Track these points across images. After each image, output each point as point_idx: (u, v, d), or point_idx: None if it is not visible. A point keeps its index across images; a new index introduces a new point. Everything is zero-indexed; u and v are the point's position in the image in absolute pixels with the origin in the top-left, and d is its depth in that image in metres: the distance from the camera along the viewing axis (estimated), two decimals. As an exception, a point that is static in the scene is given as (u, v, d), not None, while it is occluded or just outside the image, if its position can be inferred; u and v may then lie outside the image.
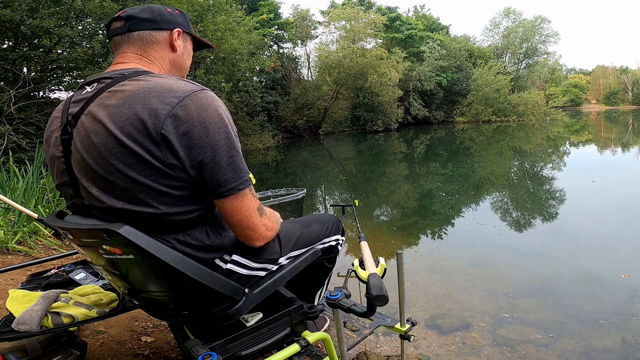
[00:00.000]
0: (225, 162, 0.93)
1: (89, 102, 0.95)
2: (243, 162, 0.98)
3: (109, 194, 0.93)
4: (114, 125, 0.89)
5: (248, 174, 0.98)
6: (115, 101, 0.91)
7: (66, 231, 0.99)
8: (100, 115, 0.92)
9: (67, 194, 1.03)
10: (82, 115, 0.95)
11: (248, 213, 1.00)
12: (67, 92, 8.68)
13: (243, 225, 1.01)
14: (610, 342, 2.51)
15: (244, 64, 14.68)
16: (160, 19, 1.08)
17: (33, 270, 2.00)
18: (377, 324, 1.80)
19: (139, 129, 0.88)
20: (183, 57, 1.14)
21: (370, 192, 8.15)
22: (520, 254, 4.26)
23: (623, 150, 13.60)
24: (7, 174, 3.96)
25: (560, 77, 59.63)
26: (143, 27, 1.06)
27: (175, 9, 1.13)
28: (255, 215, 1.02)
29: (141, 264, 0.93)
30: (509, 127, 24.72)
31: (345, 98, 25.22)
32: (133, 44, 1.06)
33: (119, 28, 1.06)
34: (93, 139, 0.91)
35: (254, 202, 1.02)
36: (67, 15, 6.67)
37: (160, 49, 1.09)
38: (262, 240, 1.06)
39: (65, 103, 1.02)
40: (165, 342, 2.00)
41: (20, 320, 1.20)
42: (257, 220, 1.02)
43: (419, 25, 30.54)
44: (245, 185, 0.97)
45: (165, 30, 1.09)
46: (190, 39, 1.17)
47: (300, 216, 2.13)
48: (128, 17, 1.05)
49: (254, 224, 1.02)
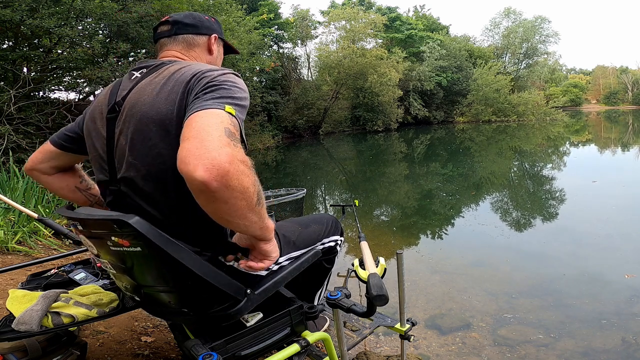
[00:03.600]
0: (210, 92, 0.89)
1: (137, 83, 1.05)
2: (234, 97, 0.90)
3: (144, 160, 0.96)
4: (159, 96, 0.96)
5: (227, 103, 0.85)
6: (161, 77, 1.01)
7: (76, 222, 1.00)
8: (147, 89, 1.00)
9: (100, 167, 1.08)
10: (130, 94, 1.03)
11: (207, 123, 0.78)
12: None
13: (191, 135, 0.76)
14: (611, 343, 2.50)
15: (244, 64, 14.67)
16: (201, 25, 1.21)
17: (33, 270, 2.00)
18: (377, 324, 1.80)
19: (179, 96, 0.94)
20: (217, 60, 1.27)
21: (370, 192, 8.14)
22: (522, 254, 4.25)
23: (623, 151, 13.60)
24: (7, 174, 3.97)
25: (560, 77, 59.65)
26: (187, 31, 1.19)
27: (211, 17, 1.28)
28: (216, 129, 0.77)
29: (147, 257, 0.93)
30: (509, 127, 24.72)
31: (345, 98, 25.22)
32: (178, 44, 1.18)
33: (166, 31, 1.18)
34: (139, 108, 0.98)
35: (225, 120, 0.80)
36: (67, 15, 6.67)
37: (200, 51, 1.21)
38: (209, 169, 0.71)
39: (114, 86, 1.10)
40: (165, 342, 2.00)
41: (20, 320, 1.20)
42: (214, 135, 0.75)
43: (419, 25, 30.55)
44: (216, 106, 0.82)
45: (205, 35, 1.22)
46: (222, 44, 1.30)
47: (300, 216, 2.13)
48: (175, 22, 1.19)
49: (207, 135, 0.75)
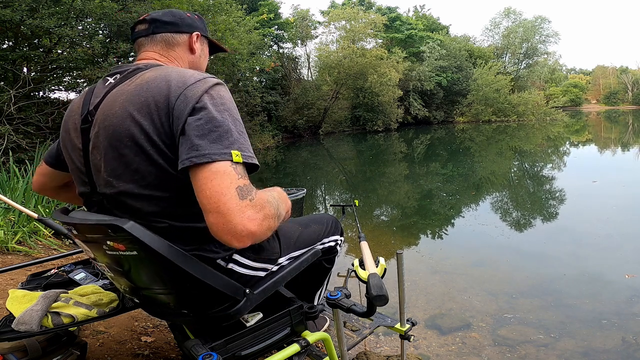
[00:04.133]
0: (211, 128, 0.85)
1: (110, 91, 0.99)
2: (237, 137, 0.88)
3: (120, 177, 0.93)
4: (132, 107, 0.92)
5: (232, 149, 0.84)
6: (133, 87, 0.95)
7: (71, 226, 0.99)
8: (119, 99, 0.95)
9: (81, 180, 1.05)
10: (102, 103, 0.99)
11: (220, 189, 0.79)
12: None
13: (212, 207, 0.79)
14: (612, 343, 2.50)
15: (244, 64, 14.67)
16: (181, 22, 1.14)
17: (33, 270, 2.00)
18: (377, 324, 1.79)
19: (152, 111, 0.90)
20: (200, 59, 1.20)
21: (370, 192, 8.14)
22: (522, 254, 4.25)
23: (623, 151, 13.60)
24: (7, 174, 3.97)
25: (560, 77, 59.65)
26: (166, 30, 1.12)
27: (194, 14, 1.20)
28: (231, 196, 0.79)
29: (144, 261, 0.92)
30: (509, 127, 24.71)
31: (345, 98, 25.22)
32: (156, 44, 1.11)
33: (143, 30, 1.12)
34: (111, 121, 0.93)
35: (233, 179, 0.81)
36: (67, 15, 6.66)
37: (180, 51, 1.15)
38: (236, 236, 0.79)
39: (87, 94, 1.06)
40: (165, 342, 2.00)
41: (20, 320, 1.19)
42: (232, 204, 0.79)
43: (419, 25, 30.55)
44: (220, 157, 0.82)
45: (186, 33, 1.15)
46: (206, 42, 1.23)
47: (300, 216, 2.13)
48: (152, 20, 1.11)
49: (226, 208, 0.78)
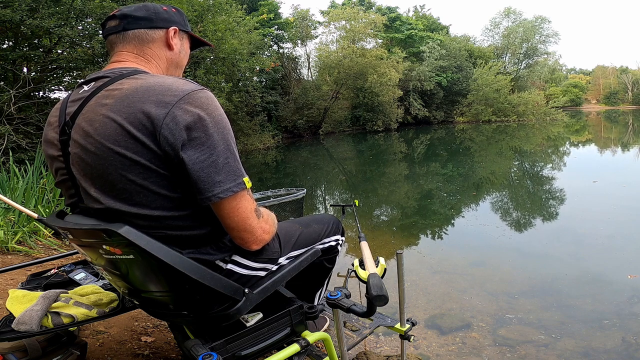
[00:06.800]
0: (222, 162, 0.91)
1: (86, 101, 0.95)
2: (239, 165, 0.96)
3: (107, 194, 0.92)
4: (113, 126, 0.88)
5: (243, 176, 0.96)
6: (112, 100, 0.90)
7: (66, 231, 0.98)
8: (97, 114, 0.91)
9: (68, 193, 1.03)
10: (80, 115, 0.94)
11: (245, 215, 0.97)
12: (67, 92, 8.66)
13: (240, 228, 0.98)
14: (612, 343, 2.50)
15: (244, 64, 14.68)
16: (155, 17, 1.07)
17: (33, 270, 2.00)
18: (377, 324, 1.79)
19: (137, 128, 0.87)
20: (180, 56, 1.13)
21: (370, 192, 8.14)
22: (523, 254, 4.25)
23: (623, 151, 13.59)
24: (7, 174, 3.96)
25: (560, 77, 59.54)
26: (138, 26, 1.04)
27: (171, 7, 1.11)
28: (253, 217, 1.00)
29: (141, 265, 0.92)
30: (509, 127, 24.70)
31: (345, 98, 25.22)
32: (129, 42, 1.05)
33: (114, 27, 1.05)
34: (90, 138, 0.90)
35: (251, 204, 1.00)
36: (67, 15, 6.67)
37: (156, 48, 1.08)
38: (259, 244, 1.04)
39: (63, 103, 1.01)
40: (165, 342, 2.00)
41: (20, 320, 1.19)
42: (254, 223, 1.00)
43: (419, 25, 30.55)
44: (240, 188, 0.95)
45: (161, 29, 1.08)
46: (187, 37, 1.16)
47: (300, 216, 2.13)
48: (123, 16, 1.04)
49: (251, 227, 1.00)
